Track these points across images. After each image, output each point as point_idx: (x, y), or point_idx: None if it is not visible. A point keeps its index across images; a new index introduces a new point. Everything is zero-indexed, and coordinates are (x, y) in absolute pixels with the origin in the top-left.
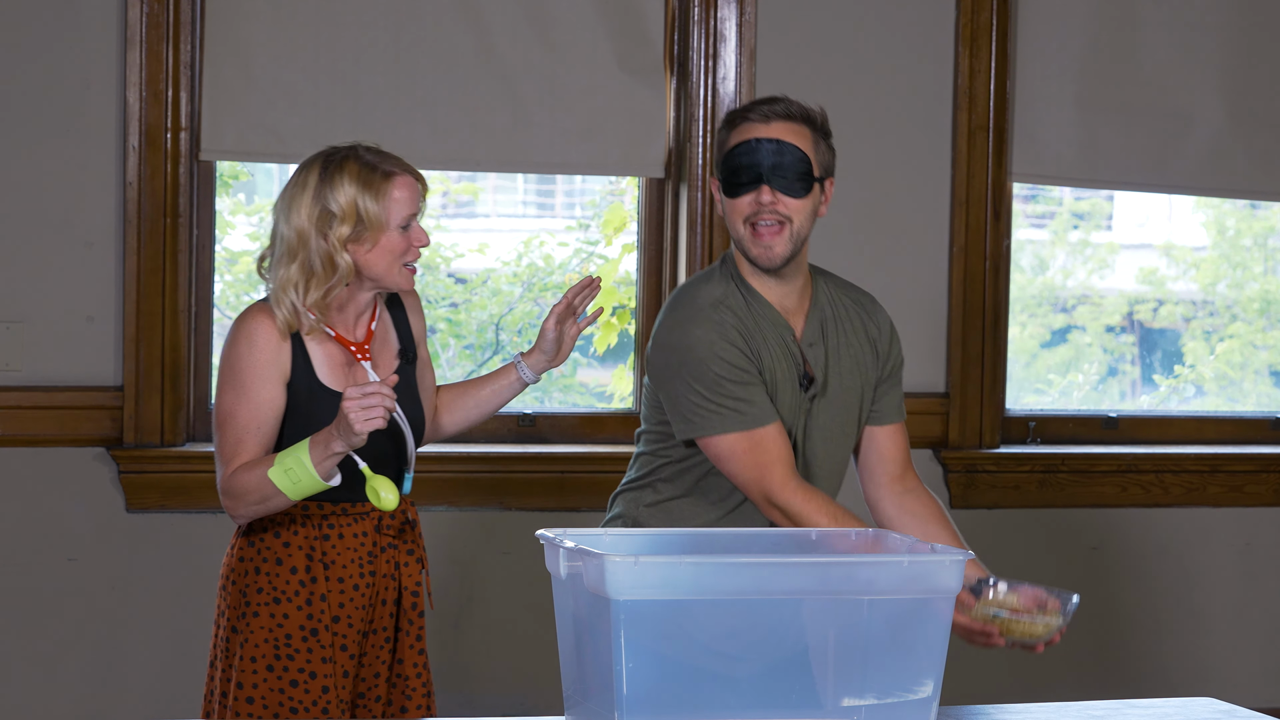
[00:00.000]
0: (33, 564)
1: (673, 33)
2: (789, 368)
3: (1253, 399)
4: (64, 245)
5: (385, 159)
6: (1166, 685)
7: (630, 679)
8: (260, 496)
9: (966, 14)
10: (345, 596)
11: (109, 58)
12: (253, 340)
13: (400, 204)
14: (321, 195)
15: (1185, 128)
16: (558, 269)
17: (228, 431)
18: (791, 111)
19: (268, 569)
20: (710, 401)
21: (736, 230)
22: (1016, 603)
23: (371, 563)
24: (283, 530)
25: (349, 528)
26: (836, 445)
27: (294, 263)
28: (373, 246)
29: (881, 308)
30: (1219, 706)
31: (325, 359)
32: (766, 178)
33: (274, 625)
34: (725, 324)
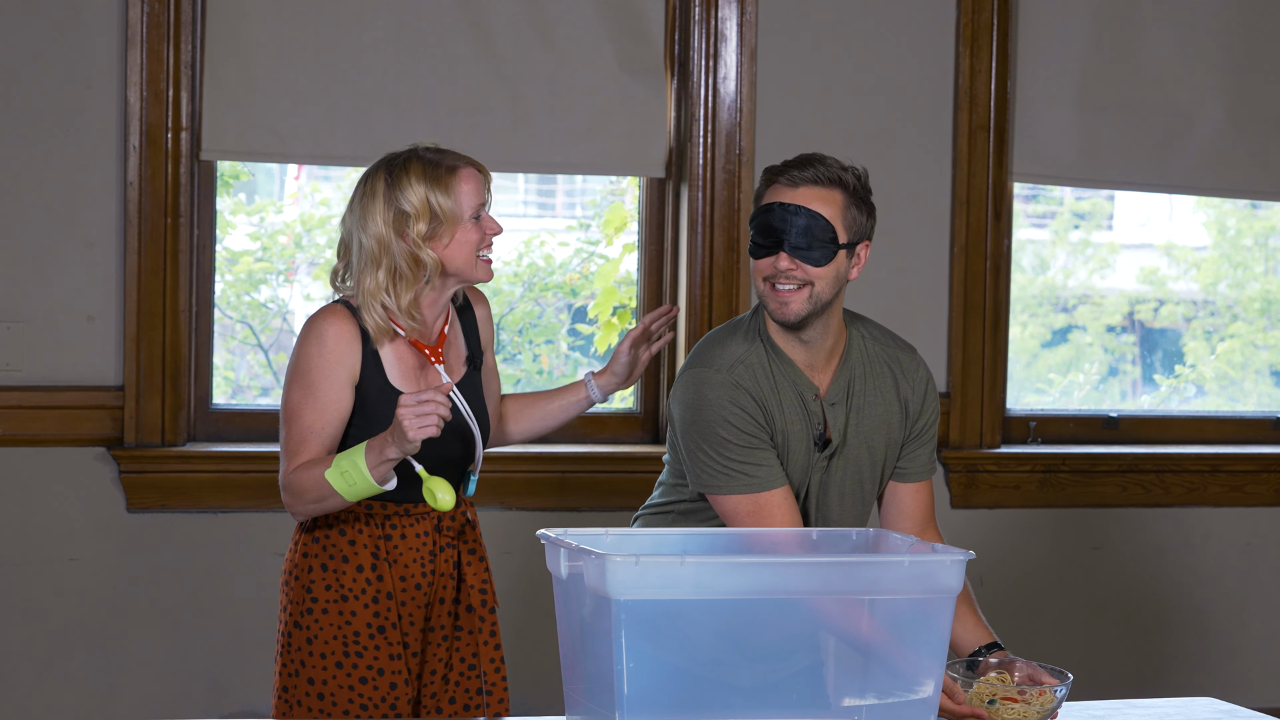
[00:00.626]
0: (33, 564)
1: (673, 32)
2: (804, 428)
3: (1253, 399)
4: (65, 245)
5: (446, 155)
6: (1167, 685)
7: (631, 679)
8: (317, 496)
9: (967, 14)
10: (408, 595)
11: (110, 57)
12: (323, 340)
13: (469, 195)
14: (393, 199)
15: (1186, 127)
16: (558, 269)
17: (292, 429)
18: (821, 177)
19: (334, 565)
20: (717, 463)
21: (758, 286)
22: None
23: (432, 562)
24: (347, 528)
25: (411, 528)
26: (853, 502)
27: (379, 269)
28: (450, 240)
29: (920, 363)
30: (1220, 706)
31: (396, 361)
32: (787, 245)
33: (342, 622)
34: (739, 387)
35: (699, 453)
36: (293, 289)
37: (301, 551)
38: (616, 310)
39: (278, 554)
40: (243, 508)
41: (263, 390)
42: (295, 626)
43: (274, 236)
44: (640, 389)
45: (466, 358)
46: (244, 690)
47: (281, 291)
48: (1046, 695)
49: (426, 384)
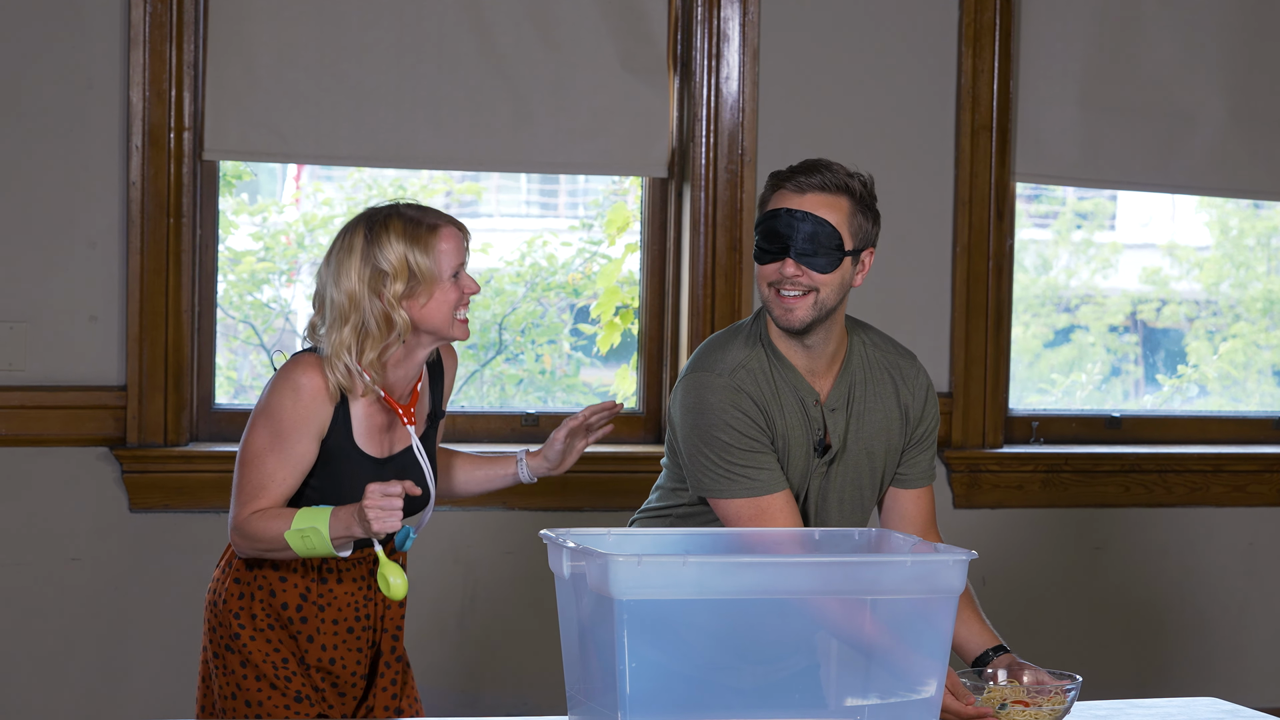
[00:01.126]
0: (36, 563)
1: (676, 32)
2: (804, 433)
3: (1256, 399)
4: (67, 245)
5: (427, 213)
6: (1170, 685)
7: (633, 679)
8: (269, 546)
9: (969, 14)
10: (339, 638)
11: (112, 57)
12: (299, 392)
13: (448, 255)
14: (370, 256)
15: (1188, 127)
16: (560, 269)
17: (251, 473)
18: (828, 183)
19: (262, 597)
20: (719, 467)
21: (763, 291)
22: (1018, 692)
23: (367, 606)
24: (282, 565)
25: (347, 572)
26: (853, 508)
27: (346, 325)
28: (428, 300)
29: (920, 370)
30: (1222, 706)
31: (364, 420)
32: (793, 251)
33: (270, 650)
34: (740, 391)
35: (700, 457)
36: (295, 289)
37: (233, 578)
38: (619, 310)
39: None
40: None
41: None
42: (227, 650)
43: (276, 236)
44: (643, 388)
45: (429, 414)
46: None
47: (284, 291)
48: (1057, 698)
49: (391, 444)
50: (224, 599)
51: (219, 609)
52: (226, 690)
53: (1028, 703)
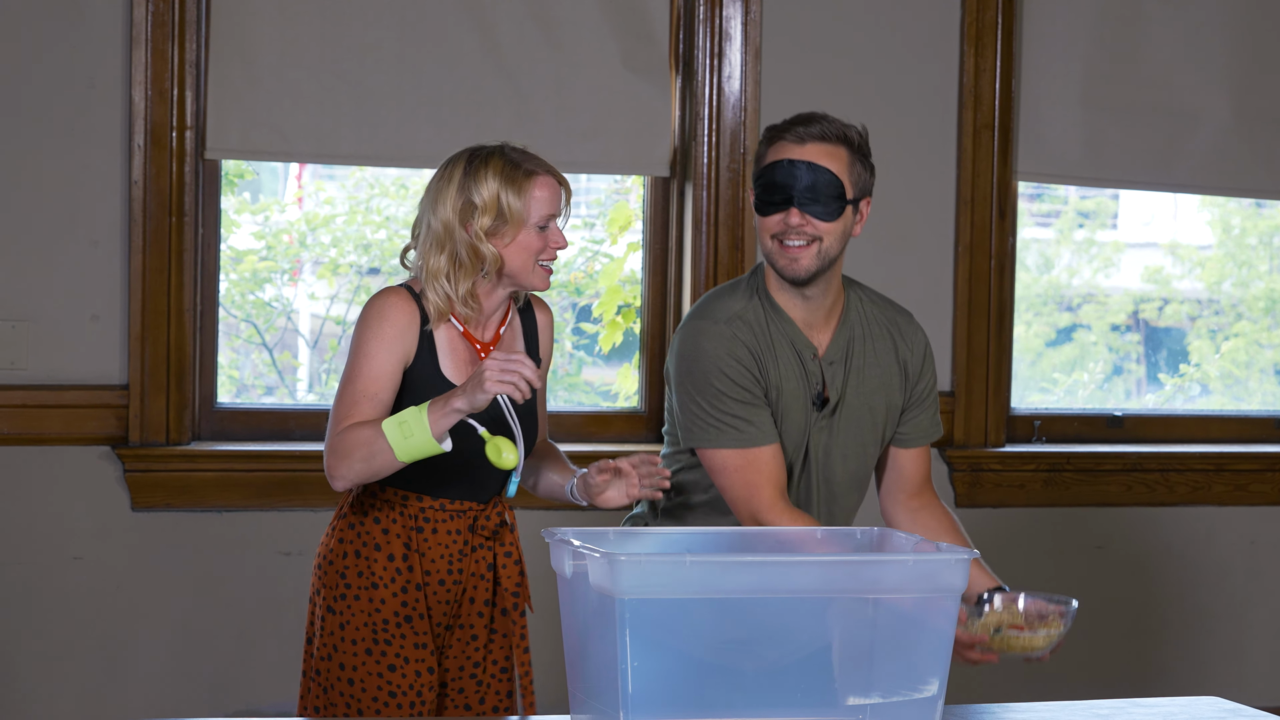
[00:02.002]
0: (38, 562)
1: (678, 31)
2: (801, 386)
3: (1258, 398)
4: (69, 244)
5: (529, 158)
6: (1171, 684)
7: (635, 678)
8: (368, 453)
9: (972, 12)
10: (430, 590)
11: (114, 56)
12: (383, 316)
13: (540, 202)
14: (466, 188)
15: (1191, 126)
16: (563, 268)
17: (345, 394)
18: (827, 133)
19: (366, 553)
20: (710, 415)
21: (765, 244)
22: (1015, 616)
23: (461, 560)
24: (382, 516)
25: (444, 524)
26: (857, 463)
27: (442, 253)
28: (510, 241)
29: (918, 328)
30: (1224, 705)
31: (450, 352)
32: (796, 200)
33: (371, 610)
34: (736, 340)
35: (692, 405)
36: (297, 288)
37: (337, 538)
38: (621, 309)
39: (282, 552)
40: (247, 507)
41: (267, 389)
42: (329, 611)
43: (278, 235)
44: (645, 387)
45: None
46: (248, 689)
47: (286, 290)
48: (1053, 622)
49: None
50: (330, 559)
51: (326, 570)
52: (323, 651)
53: (1023, 627)
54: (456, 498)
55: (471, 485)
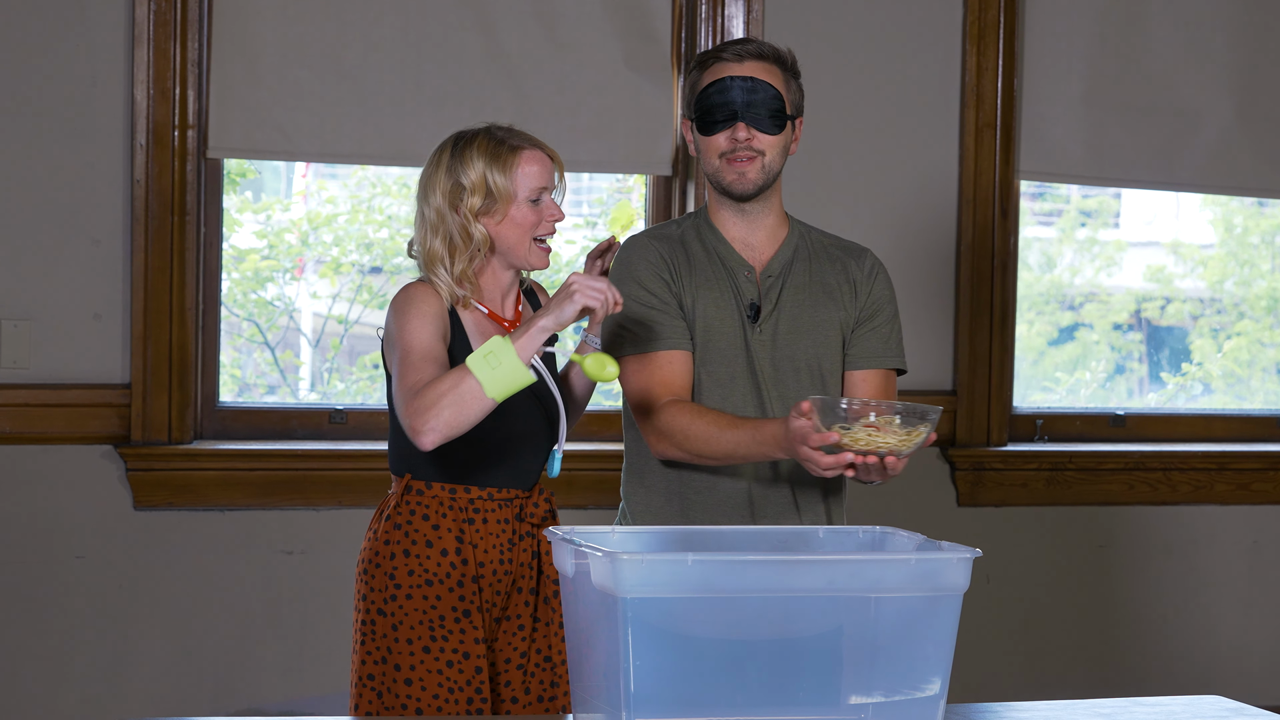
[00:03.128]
0: (40, 561)
1: (680, 30)
2: (730, 299)
3: (1260, 396)
4: (71, 243)
5: (515, 135)
6: (1174, 683)
7: (637, 676)
8: (455, 396)
9: (974, 12)
10: (486, 581)
11: (116, 55)
12: (412, 301)
13: (528, 176)
14: (454, 171)
15: (1193, 126)
16: (565, 266)
17: (409, 365)
18: (764, 51)
19: (417, 551)
20: (619, 324)
21: (711, 164)
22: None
23: (511, 550)
24: (431, 514)
25: (494, 513)
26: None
27: (436, 237)
28: (502, 218)
29: (871, 256)
30: (1226, 704)
31: (479, 335)
32: (741, 115)
33: (427, 607)
34: (651, 250)
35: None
36: (299, 287)
37: (383, 540)
38: None
39: (284, 551)
40: (249, 505)
41: (269, 388)
42: (379, 614)
43: (281, 234)
44: None
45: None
46: (250, 688)
47: (288, 289)
48: (897, 425)
49: None
50: (376, 563)
51: (373, 574)
52: (376, 655)
53: (877, 426)
54: (503, 485)
55: (515, 471)
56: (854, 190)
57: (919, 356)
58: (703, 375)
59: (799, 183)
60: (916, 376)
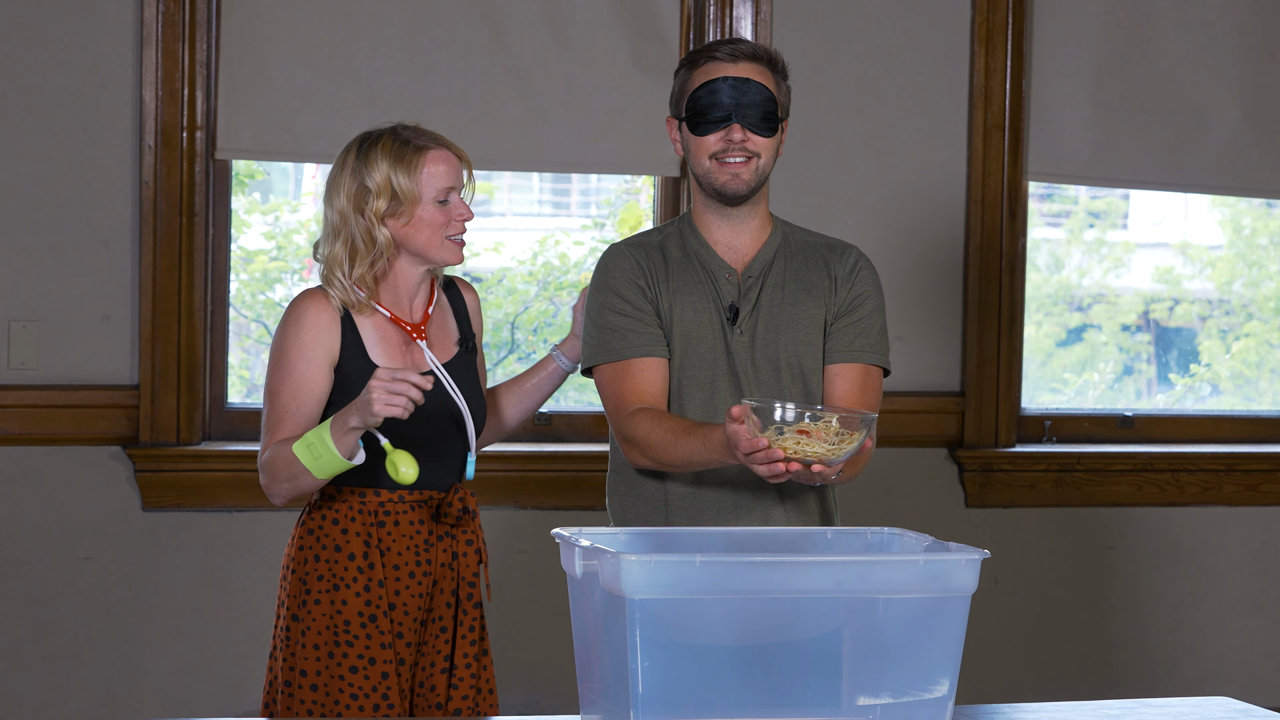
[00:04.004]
0: (48, 562)
1: (688, 31)
2: (709, 303)
3: (1269, 398)
4: (80, 244)
5: (421, 135)
6: (1182, 684)
7: (645, 678)
8: (289, 474)
9: (982, 13)
10: (401, 584)
11: (125, 57)
12: (299, 321)
13: (434, 177)
14: (359, 173)
15: (1201, 126)
16: (573, 268)
17: (269, 410)
18: (758, 52)
19: (327, 556)
20: (593, 331)
21: (702, 165)
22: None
23: (428, 550)
24: (340, 518)
25: (405, 515)
26: (791, 378)
27: (337, 241)
28: (409, 220)
29: (856, 251)
30: (1234, 705)
31: (379, 339)
32: (736, 115)
33: (333, 612)
34: (629, 257)
35: (587, 324)
36: (307, 288)
37: (298, 545)
38: None
39: None
40: (257, 507)
41: None
42: (293, 619)
43: (289, 235)
44: None
45: (459, 339)
46: (257, 689)
47: (296, 290)
48: (832, 430)
49: (411, 361)
50: (292, 568)
51: (288, 579)
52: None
53: (807, 432)
54: (416, 486)
55: (430, 472)
56: (862, 192)
57: (927, 358)
58: (685, 379)
59: (806, 184)
60: (925, 377)
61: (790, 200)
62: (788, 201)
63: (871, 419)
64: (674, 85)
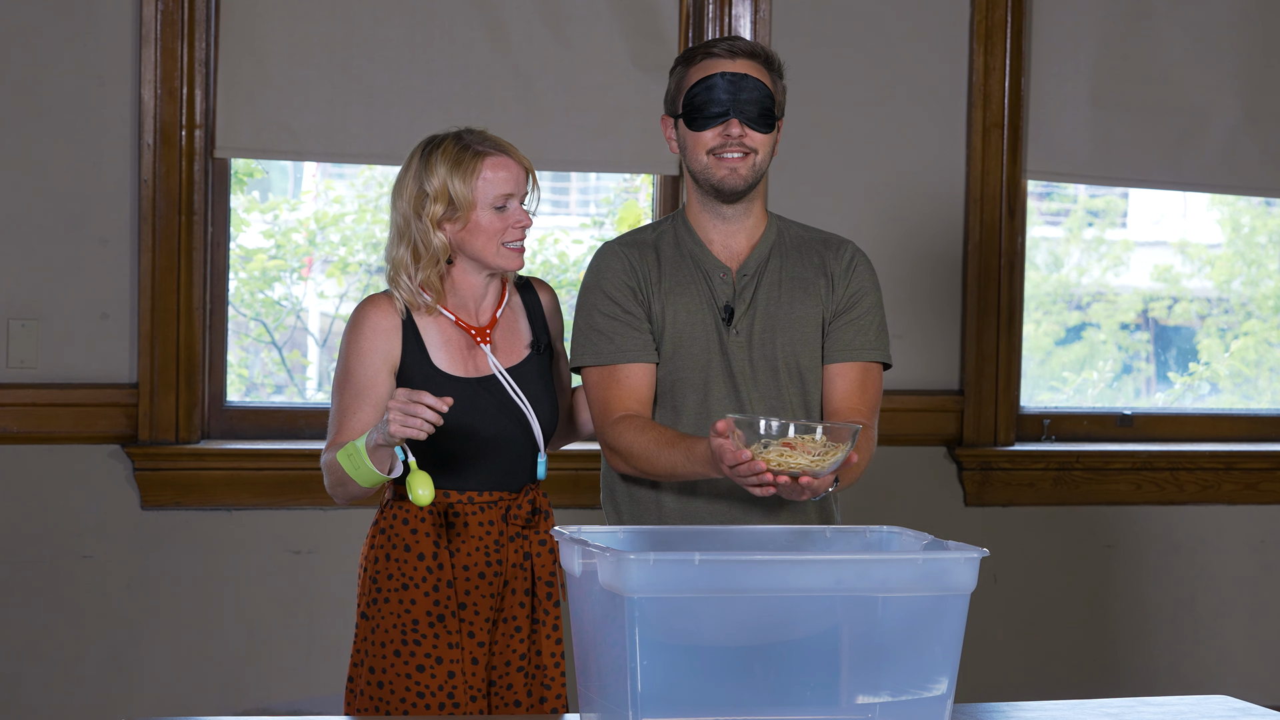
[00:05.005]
0: (48, 561)
1: (687, 30)
2: (703, 304)
3: (1268, 396)
4: (79, 242)
5: (484, 141)
6: (1181, 683)
7: (644, 676)
8: (337, 479)
9: (981, 11)
10: (471, 584)
11: (124, 55)
12: (360, 328)
13: (491, 183)
14: (420, 177)
15: (1200, 125)
16: (572, 266)
17: (332, 413)
18: (755, 50)
19: (397, 555)
20: (582, 332)
21: (699, 161)
22: (785, 435)
23: (499, 551)
24: (411, 518)
25: (474, 516)
26: (789, 379)
27: (402, 243)
28: (464, 225)
29: (852, 247)
30: (1233, 704)
31: (443, 344)
32: (734, 111)
33: (402, 611)
34: (622, 258)
35: (576, 324)
36: (306, 286)
37: (370, 543)
38: None
39: (291, 551)
40: (256, 505)
41: (276, 388)
42: (363, 617)
43: (288, 234)
44: None
45: (530, 342)
46: (258, 688)
47: (295, 289)
48: (817, 443)
49: (475, 365)
50: (365, 567)
51: (362, 579)
52: (357, 658)
53: (792, 445)
54: (486, 488)
55: (499, 473)
56: (861, 190)
57: (926, 356)
58: (678, 380)
59: (805, 183)
60: (924, 376)
61: (790, 199)
62: (787, 200)
63: (855, 433)
64: (669, 83)
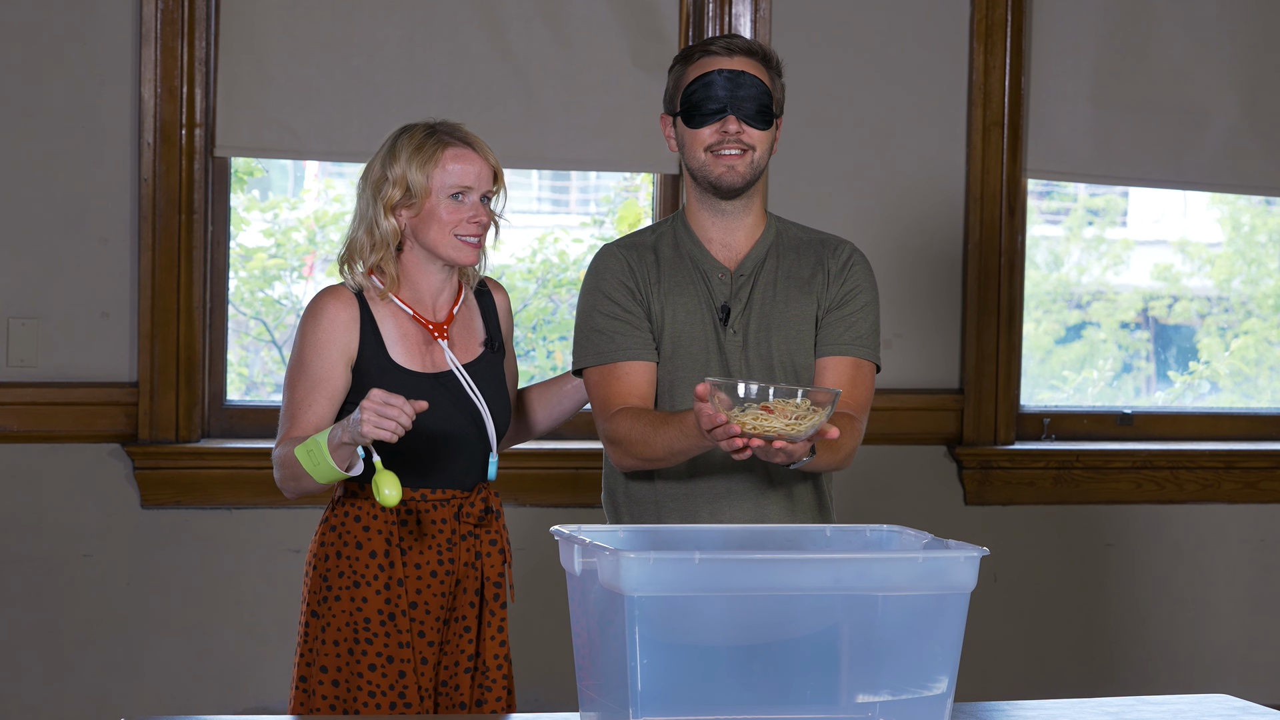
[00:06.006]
0: (47, 560)
1: (687, 28)
2: (701, 304)
3: (1268, 395)
4: (79, 241)
5: (453, 131)
6: (1181, 682)
7: (644, 675)
8: (292, 474)
9: (981, 9)
10: (423, 583)
11: (124, 54)
12: (318, 319)
13: (447, 174)
14: (385, 163)
15: (1201, 124)
16: (572, 265)
17: (285, 406)
18: (753, 47)
19: (348, 553)
20: (582, 333)
21: (697, 159)
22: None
23: (450, 549)
24: (363, 515)
25: (427, 514)
26: (784, 374)
27: (362, 226)
28: (418, 212)
29: (850, 246)
30: (1233, 703)
31: (400, 337)
32: (732, 108)
33: (353, 609)
34: (619, 258)
35: (577, 326)
36: (307, 285)
37: (320, 541)
38: None
39: (292, 550)
40: (256, 504)
41: (276, 387)
42: (313, 615)
43: (288, 233)
44: None
45: (484, 340)
46: (257, 686)
47: (295, 288)
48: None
49: (432, 361)
50: (314, 564)
51: (310, 575)
52: (308, 657)
53: (771, 410)
54: (439, 486)
55: (454, 471)
56: (861, 189)
57: (926, 355)
58: (677, 380)
59: (805, 181)
60: (924, 374)
61: (789, 197)
62: (787, 199)
63: (834, 397)
64: (668, 81)
